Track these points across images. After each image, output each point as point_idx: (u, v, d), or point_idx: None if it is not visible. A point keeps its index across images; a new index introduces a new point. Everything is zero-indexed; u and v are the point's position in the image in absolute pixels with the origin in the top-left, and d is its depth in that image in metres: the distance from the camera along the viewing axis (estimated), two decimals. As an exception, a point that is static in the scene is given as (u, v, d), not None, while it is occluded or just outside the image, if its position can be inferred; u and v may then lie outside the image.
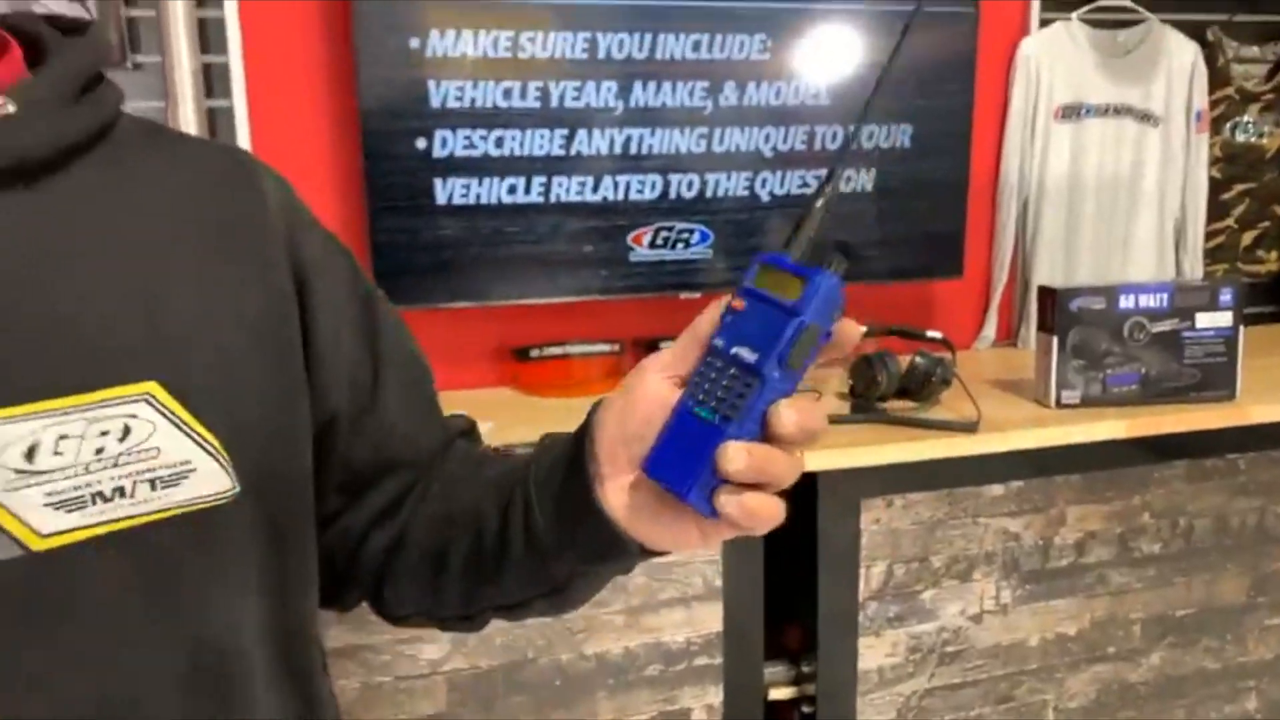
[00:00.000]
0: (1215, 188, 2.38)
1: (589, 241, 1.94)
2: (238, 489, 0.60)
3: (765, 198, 2.03)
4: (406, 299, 1.83)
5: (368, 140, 1.77)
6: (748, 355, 0.53)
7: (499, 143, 1.85)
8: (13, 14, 0.63)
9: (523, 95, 1.84)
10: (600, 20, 1.85)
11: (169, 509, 0.57)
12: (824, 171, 0.56)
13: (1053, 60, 2.23)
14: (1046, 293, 1.81)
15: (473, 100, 1.82)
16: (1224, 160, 2.38)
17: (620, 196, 1.94)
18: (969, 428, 1.68)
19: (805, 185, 2.04)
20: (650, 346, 2.11)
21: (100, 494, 0.55)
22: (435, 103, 1.80)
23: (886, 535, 1.72)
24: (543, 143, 1.87)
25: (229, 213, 0.65)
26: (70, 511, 0.54)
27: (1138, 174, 2.30)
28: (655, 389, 0.56)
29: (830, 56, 1.99)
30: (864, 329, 0.56)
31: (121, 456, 0.55)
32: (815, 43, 1.98)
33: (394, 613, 0.76)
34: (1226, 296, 1.80)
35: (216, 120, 1.81)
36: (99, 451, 0.55)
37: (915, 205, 2.13)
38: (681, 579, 1.64)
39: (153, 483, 0.56)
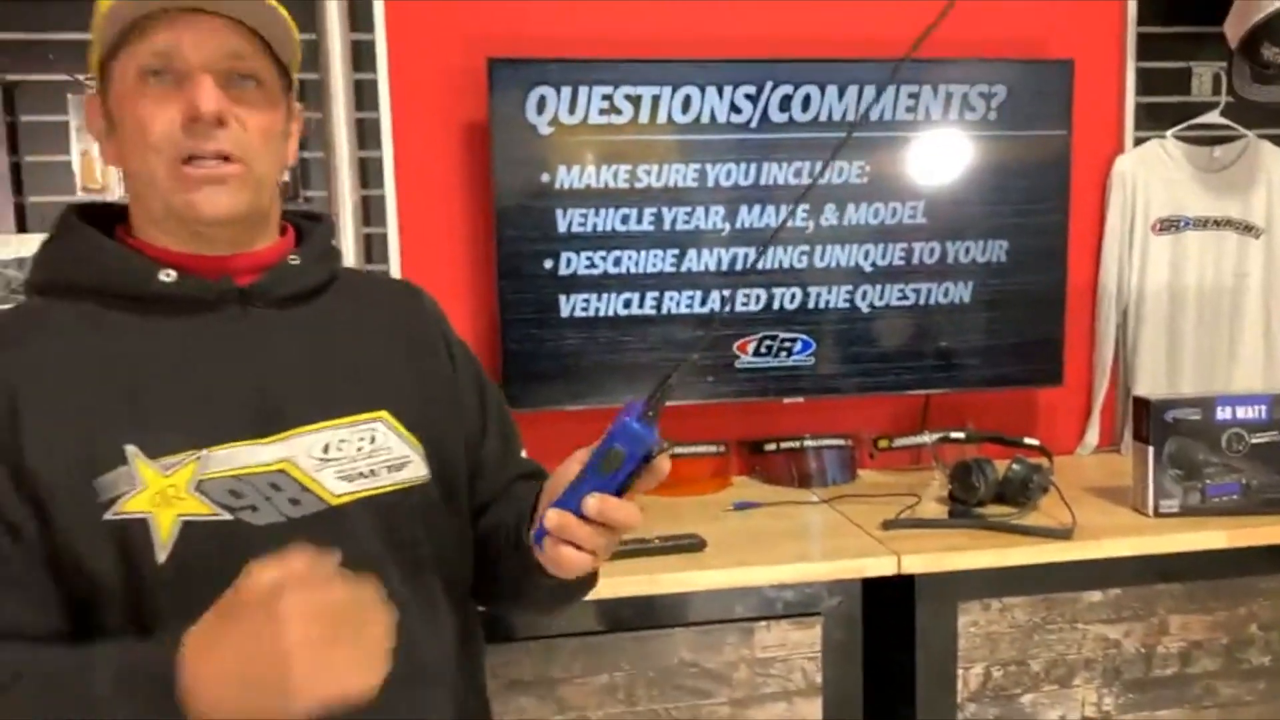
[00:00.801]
0: (1324, 296, 2.38)
1: (698, 350, 2.09)
2: (430, 475, 1.00)
3: (865, 309, 2.16)
4: (532, 402, 2.01)
5: (502, 261, 1.99)
6: (588, 461, 0.83)
7: (617, 262, 2.04)
8: (288, 212, 1.07)
9: (639, 220, 2.04)
10: (710, 153, 2.04)
11: (395, 485, 0.97)
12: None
13: (1149, 176, 2.31)
14: (1141, 403, 1.86)
15: (594, 225, 2.02)
16: (1331, 269, 2.38)
17: (726, 308, 2.10)
18: (1063, 534, 1.73)
19: (904, 297, 2.16)
20: (754, 448, 2.23)
21: (361, 473, 0.95)
22: (561, 228, 2.01)
23: (984, 638, 1.77)
24: (656, 261, 2.06)
25: (406, 317, 1.10)
26: (348, 482, 0.94)
27: (1241, 284, 2.33)
28: (569, 470, 0.87)
29: (924, 179, 2.13)
30: (672, 455, 0.85)
31: (372, 452, 0.96)
32: (910, 167, 2.12)
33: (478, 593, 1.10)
34: (1327, 409, 1.82)
35: (372, 245, 2.06)
36: (359, 449, 0.95)
37: (1014, 316, 2.21)
38: (783, 674, 1.72)
39: (388, 468, 0.97)
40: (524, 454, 1.17)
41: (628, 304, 2.06)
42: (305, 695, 0.71)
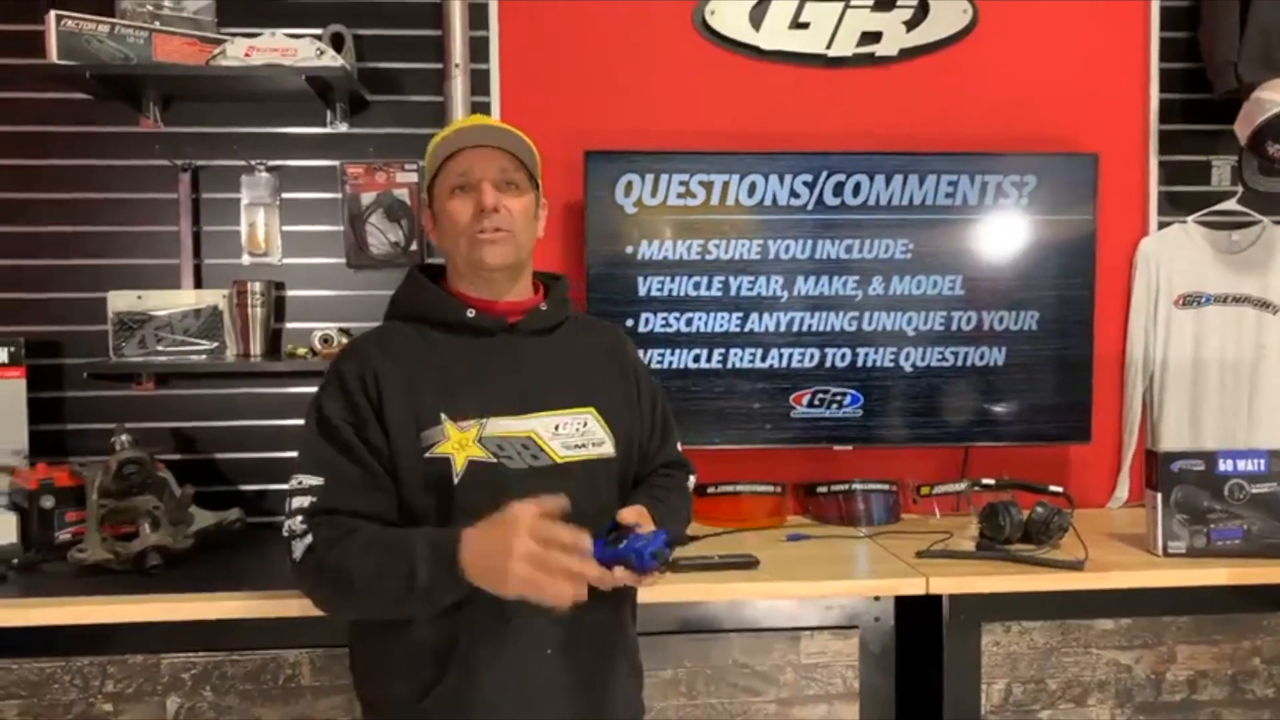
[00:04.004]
0: (1342, 368, 2.57)
1: (757, 400, 2.40)
2: (615, 454, 1.49)
3: (908, 368, 2.44)
4: (612, 442, 2.33)
5: (590, 320, 2.34)
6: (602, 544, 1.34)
7: (689, 322, 2.38)
8: (538, 273, 1.57)
9: (709, 287, 2.37)
10: (771, 231, 2.37)
11: (595, 456, 1.47)
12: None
13: (1171, 256, 2.56)
14: (1151, 455, 2.10)
15: (670, 290, 2.37)
16: (1348, 343, 2.58)
17: (784, 365, 2.40)
18: (1075, 566, 1.97)
19: (943, 359, 2.44)
20: (808, 490, 2.51)
21: (579, 445, 1.45)
22: (641, 292, 2.36)
23: (1005, 657, 2.00)
24: (723, 323, 2.38)
25: (611, 348, 1.59)
26: (569, 450, 1.44)
27: (1259, 355, 2.55)
28: (629, 515, 1.43)
29: (961, 256, 2.42)
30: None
31: (583, 433, 1.46)
32: (949, 245, 2.42)
33: None
34: (1321, 463, 2.03)
35: (482, 304, 2.43)
36: (575, 430, 1.45)
37: (1044, 379, 2.47)
38: (824, 680, 1.98)
39: (592, 444, 1.47)
40: (678, 447, 1.67)
41: (697, 359, 2.38)
42: (509, 585, 1.22)
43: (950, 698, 1.98)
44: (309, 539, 1.34)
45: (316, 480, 1.37)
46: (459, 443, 1.38)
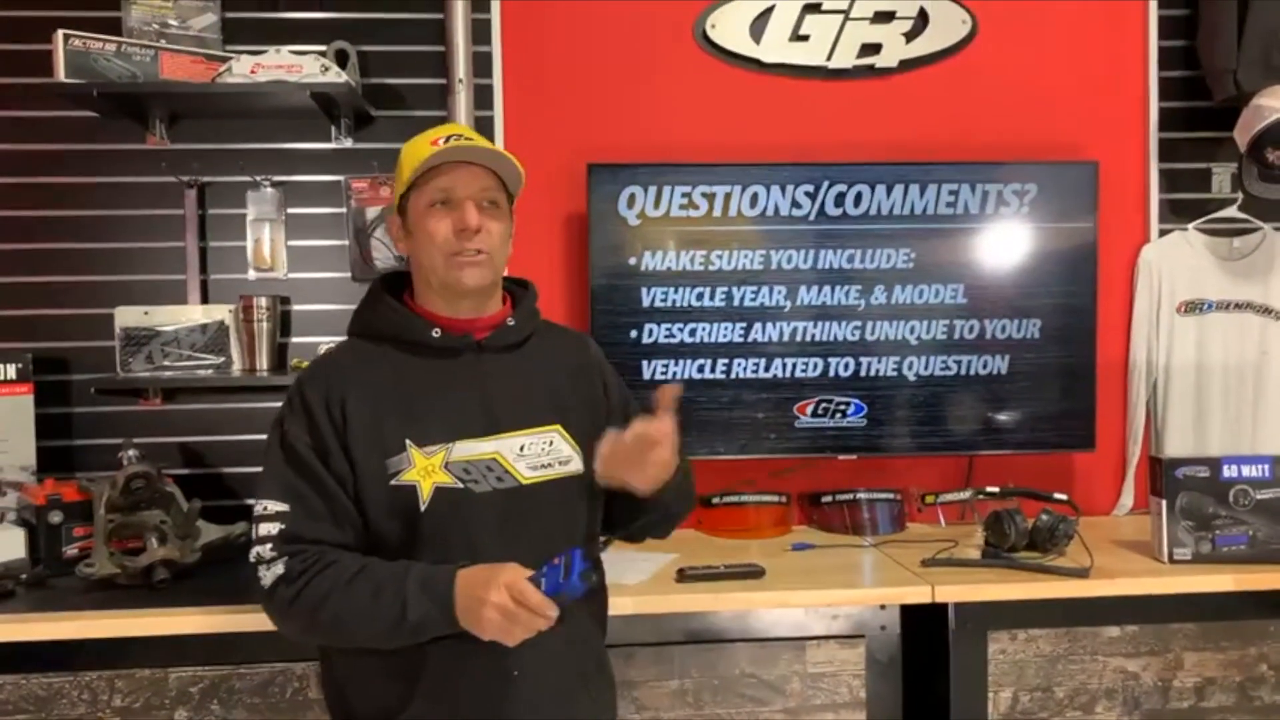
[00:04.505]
0: (1346, 374, 2.57)
1: (762, 410, 2.41)
2: (583, 469, 1.46)
3: (911, 377, 2.44)
4: (617, 453, 2.34)
5: (594, 331, 2.34)
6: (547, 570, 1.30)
7: (692, 333, 2.38)
8: (506, 280, 1.56)
9: (711, 297, 2.38)
10: (773, 242, 2.38)
11: (564, 474, 1.45)
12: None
13: (1173, 263, 2.57)
14: (1155, 461, 2.10)
15: (673, 301, 2.38)
16: (1352, 349, 2.58)
17: (788, 375, 2.41)
18: (1080, 573, 1.97)
19: (946, 368, 2.45)
20: (813, 499, 2.51)
21: (545, 465, 1.44)
22: (645, 303, 2.37)
23: (1012, 665, 2.00)
24: (726, 333, 2.39)
25: (578, 359, 1.58)
26: (534, 470, 1.43)
27: (1263, 361, 2.55)
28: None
29: (963, 265, 2.43)
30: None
31: (549, 452, 1.45)
32: (950, 254, 2.43)
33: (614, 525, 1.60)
34: (1326, 469, 2.03)
35: (486, 317, 2.44)
36: (541, 449, 1.44)
37: (1046, 387, 2.47)
38: (830, 689, 1.98)
39: (558, 463, 1.45)
40: None
41: (701, 369, 2.39)
42: (477, 627, 1.29)
43: (957, 706, 1.98)
44: (279, 568, 1.34)
45: (282, 506, 1.36)
46: (425, 469, 1.37)
